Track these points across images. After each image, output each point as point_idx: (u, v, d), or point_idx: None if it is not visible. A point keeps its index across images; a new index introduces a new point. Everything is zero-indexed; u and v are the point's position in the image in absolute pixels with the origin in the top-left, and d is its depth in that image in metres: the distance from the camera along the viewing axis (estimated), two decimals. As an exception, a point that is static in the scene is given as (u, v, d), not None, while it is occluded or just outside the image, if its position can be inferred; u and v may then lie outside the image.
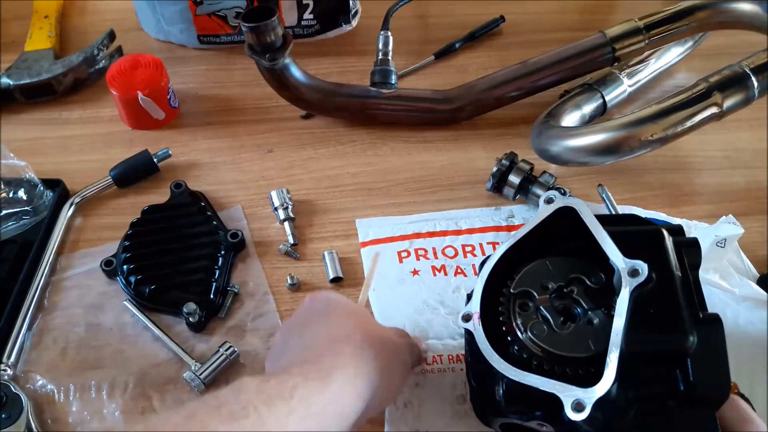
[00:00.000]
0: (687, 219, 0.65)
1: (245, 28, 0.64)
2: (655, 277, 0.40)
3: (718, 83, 0.62)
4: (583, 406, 0.37)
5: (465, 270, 0.62)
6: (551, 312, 0.44)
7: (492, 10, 0.89)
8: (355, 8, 0.86)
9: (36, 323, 0.59)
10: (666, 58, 0.78)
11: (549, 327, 0.43)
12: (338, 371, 0.39)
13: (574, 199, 0.46)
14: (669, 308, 0.40)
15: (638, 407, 0.39)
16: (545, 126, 0.67)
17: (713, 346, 0.40)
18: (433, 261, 0.62)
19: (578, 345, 0.42)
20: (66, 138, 0.75)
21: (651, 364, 0.40)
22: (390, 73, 0.74)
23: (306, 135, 0.75)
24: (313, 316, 0.47)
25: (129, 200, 0.69)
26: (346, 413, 0.38)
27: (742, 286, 0.58)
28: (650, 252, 0.42)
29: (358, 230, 0.66)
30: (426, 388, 0.53)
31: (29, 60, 0.79)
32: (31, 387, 0.55)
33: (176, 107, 0.77)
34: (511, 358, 0.42)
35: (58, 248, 0.64)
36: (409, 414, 0.52)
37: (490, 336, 0.43)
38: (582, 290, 0.44)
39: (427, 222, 0.66)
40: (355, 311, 0.48)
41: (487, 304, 0.45)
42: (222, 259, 0.62)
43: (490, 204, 0.68)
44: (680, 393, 0.39)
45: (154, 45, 0.86)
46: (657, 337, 0.40)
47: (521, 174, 0.65)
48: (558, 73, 0.72)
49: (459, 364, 0.54)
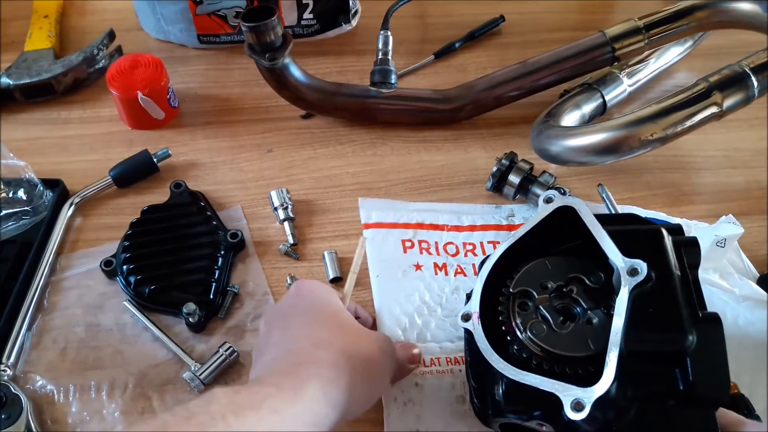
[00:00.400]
0: (687, 219, 0.65)
1: (245, 28, 0.64)
2: (655, 277, 0.40)
3: (718, 83, 0.62)
4: (582, 405, 0.37)
5: (465, 269, 0.62)
6: (550, 311, 0.44)
7: (492, 10, 0.89)
8: (354, 8, 0.86)
9: (36, 323, 0.59)
10: (666, 58, 0.78)
11: (548, 326, 0.43)
12: (313, 380, 0.39)
13: (573, 199, 0.46)
14: (668, 307, 0.40)
15: (638, 406, 0.39)
16: (545, 126, 0.67)
17: (712, 345, 0.39)
18: (435, 258, 0.62)
19: (578, 344, 0.42)
20: (66, 138, 0.75)
21: (650, 364, 0.40)
22: (390, 73, 0.74)
23: (306, 135, 0.75)
24: (298, 310, 0.47)
25: (129, 200, 0.69)
26: (318, 422, 0.38)
27: (742, 286, 0.58)
28: (649, 251, 0.42)
29: (361, 210, 0.65)
30: (425, 388, 0.53)
31: (29, 60, 0.79)
32: (30, 387, 0.55)
33: (176, 107, 0.77)
34: (511, 357, 0.42)
35: (57, 248, 0.64)
36: (409, 414, 0.52)
37: (489, 336, 0.43)
38: (581, 290, 0.44)
39: (430, 213, 0.66)
40: (338, 313, 0.48)
41: (487, 304, 0.45)
42: (222, 259, 0.62)
43: (491, 203, 0.68)
44: (680, 392, 0.39)
45: (153, 45, 0.86)
46: (656, 336, 0.40)
47: (521, 174, 0.65)
48: (558, 73, 0.72)
49: (457, 366, 0.55)
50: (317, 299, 0.48)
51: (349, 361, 0.42)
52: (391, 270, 0.61)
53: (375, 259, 0.62)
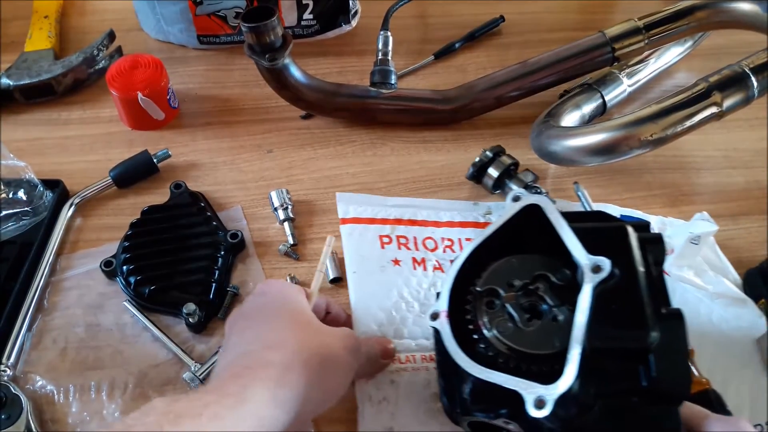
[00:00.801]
0: (662, 216, 0.65)
1: (245, 28, 0.64)
2: (619, 274, 0.40)
3: (718, 83, 0.62)
4: (544, 402, 0.37)
5: (443, 265, 0.61)
6: (517, 309, 0.44)
7: (492, 10, 0.89)
8: (354, 8, 0.86)
9: (36, 324, 0.59)
10: (665, 58, 0.78)
11: (514, 324, 0.43)
12: (258, 384, 0.39)
13: (539, 197, 0.45)
14: (632, 304, 0.40)
15: (601, 403, 0.39)
16: (545, 126, 0.67)
17: (675, 341, 0.39)
18: (414, 252, 0.62)
19: (543, 342, 0.42)
20: (66, 138, 0.75)
21: (614, 360, 0.39)
22: (390, 73, 0.74)
23: (306, 135, 0.75)
24: (258, 311, 0.47)
25: (129, 201, 0.69)
26: (265, 425, 0.38)
27: (716, 284, 0.58)
28: (614, 248, 0.41)
29: (338, 205, 0.65)
30: (400, 386, 0.53)
31: (29, 60, 0.79)
32: (30, 387, 0.55)
33: (176, 107, 0.77)
34: (478, 356, 0.42)
35: (57, 249, 0.64)
36: (384, 412, 0.51)
37: (458, 334, 0.43)
38: (547, 287, 0.44)
39: (408, 208, 0.65)
40: (300, 312, 0.47)
41: (456, 303, 0.45)
42: (222, 260, 0.62)
43: (473, 200, 0.68)
44: (643, 389, 0.39)
45: (153, 45, 0.86)
46: (619, 332, 0.40)
47: (501, 167, 0.65)
48: (558, 73, 0.72)
49: (432, 363, 0.54)
50: (280, 299, 0.48)
51: (305, 362, 0.42)
52: (368, 266, 0.60)
53: (352, 255, 0.61)
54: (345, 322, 0.56)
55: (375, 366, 0.52)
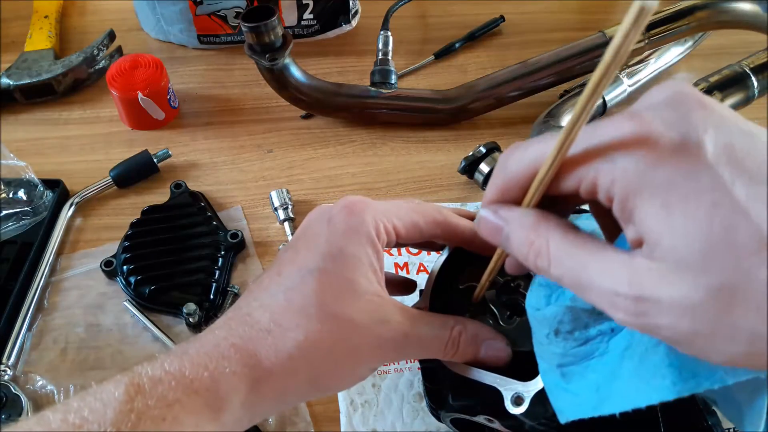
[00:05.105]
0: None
1: (245, 28, 0.64)
2: None
3: (718, 83, 0.63)
4: (522, 399, 0.37)
5: (428, 267, 0.61)
6: (498, 306, 0.44)
7: (492, 10, 0.89)
8: (355, 8, 0.86)
9: (36, 324, 0.59)
10: (666, 58, 0.78)
11: (495, 321, 0.43)
12: (234, 387, 0.33)
13: None
14: None
15: None
16: (545, 126, 0.67)
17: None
18: (397, 258, 0.62)
19: (523, 339, 0.42)
20: (66, 138, 0.75)
21: None
22: (390, 73, 0.74)
23: (306, 135, 0.75)
24: (310, 250, 0.38)
25: (129, 200, 0.69)
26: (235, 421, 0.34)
27: None
28: None
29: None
30: (384, 387, 0.53)
31: (29, 60, 0.79)
32: (30, 387, 0.55)
33: (176, 107, 0.77)
34: None
35: (57, 249, 0.64)
36: (368, 413, 0.52)
37: None
38: (528, 284, 0.44)
39: None
40: (347, 283, 0.36)
41: (438, 301, 0.45)
42: (222, 260, 0.62)
43: (465, 197, 0.68)
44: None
45: (154, 45, 0.86)
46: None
47: (492, 164, 0.65)
48: (558, 73, 0.72)
49: (415, 363, 0.55)
50: (324, 240, 0.38)
51: (309, 363, 0.35)
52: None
53: None
54: (410, 287, 0.49)
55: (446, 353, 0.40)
